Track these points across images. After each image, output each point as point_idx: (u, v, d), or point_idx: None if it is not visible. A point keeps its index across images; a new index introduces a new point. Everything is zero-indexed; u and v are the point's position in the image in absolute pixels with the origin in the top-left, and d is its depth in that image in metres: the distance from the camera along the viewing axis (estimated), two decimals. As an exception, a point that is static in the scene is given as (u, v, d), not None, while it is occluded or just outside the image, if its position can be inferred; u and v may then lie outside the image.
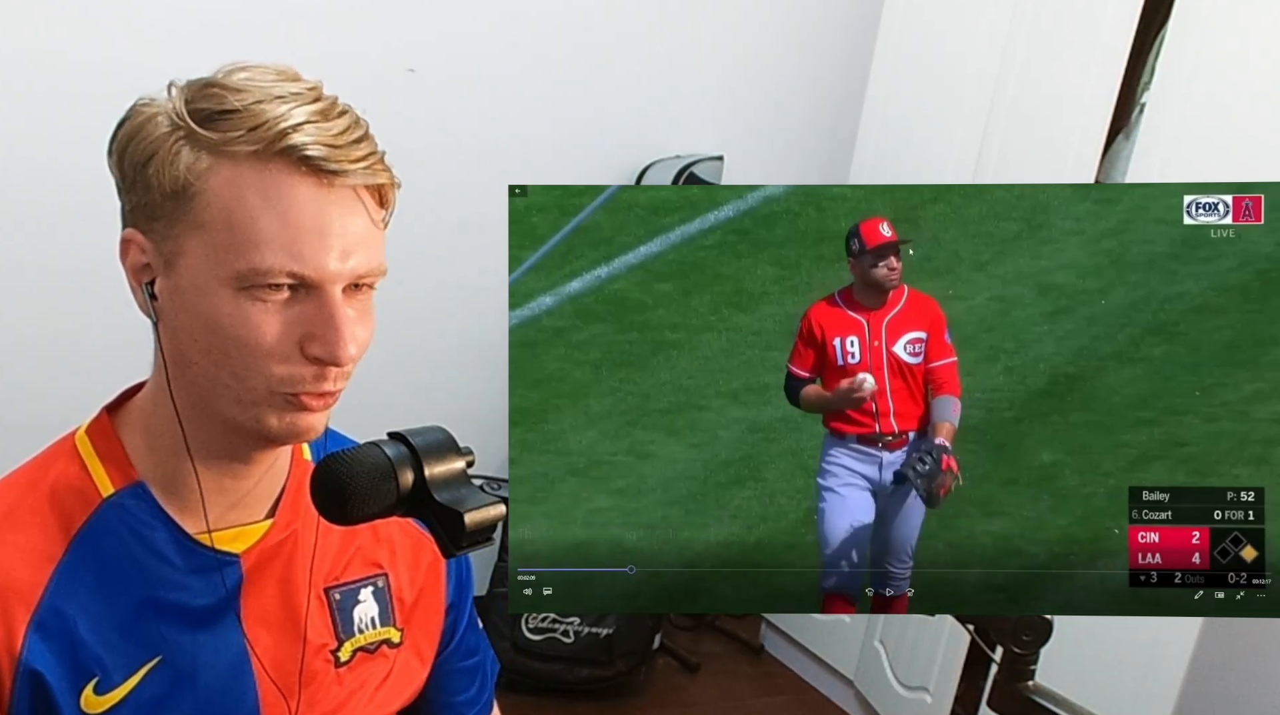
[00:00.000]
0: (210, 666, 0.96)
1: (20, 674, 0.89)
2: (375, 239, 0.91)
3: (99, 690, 0.92)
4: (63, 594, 0.91)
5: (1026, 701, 0.86)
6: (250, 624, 0.98)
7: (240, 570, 0.98)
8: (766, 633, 3.21)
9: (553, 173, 2.88)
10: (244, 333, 0.86)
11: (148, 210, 0.89)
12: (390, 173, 0.92)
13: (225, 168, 0.86)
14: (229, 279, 0.86)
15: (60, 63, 2.31)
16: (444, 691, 1.16)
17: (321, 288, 0.87)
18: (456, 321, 2.89)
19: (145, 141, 0.88)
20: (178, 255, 0.88)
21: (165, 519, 0.95)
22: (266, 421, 0.90)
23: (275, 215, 0.85)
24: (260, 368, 0.88)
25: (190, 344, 0.89)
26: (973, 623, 0.91)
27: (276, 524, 1.00)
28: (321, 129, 0.86)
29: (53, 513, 0.93)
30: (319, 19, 2.54)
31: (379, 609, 1.07)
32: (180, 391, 0.92)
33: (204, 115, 0.86)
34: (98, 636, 0.92)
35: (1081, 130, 2.22)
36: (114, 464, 0.96)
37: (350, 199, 0.88)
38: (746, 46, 3.07)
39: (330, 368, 0.89)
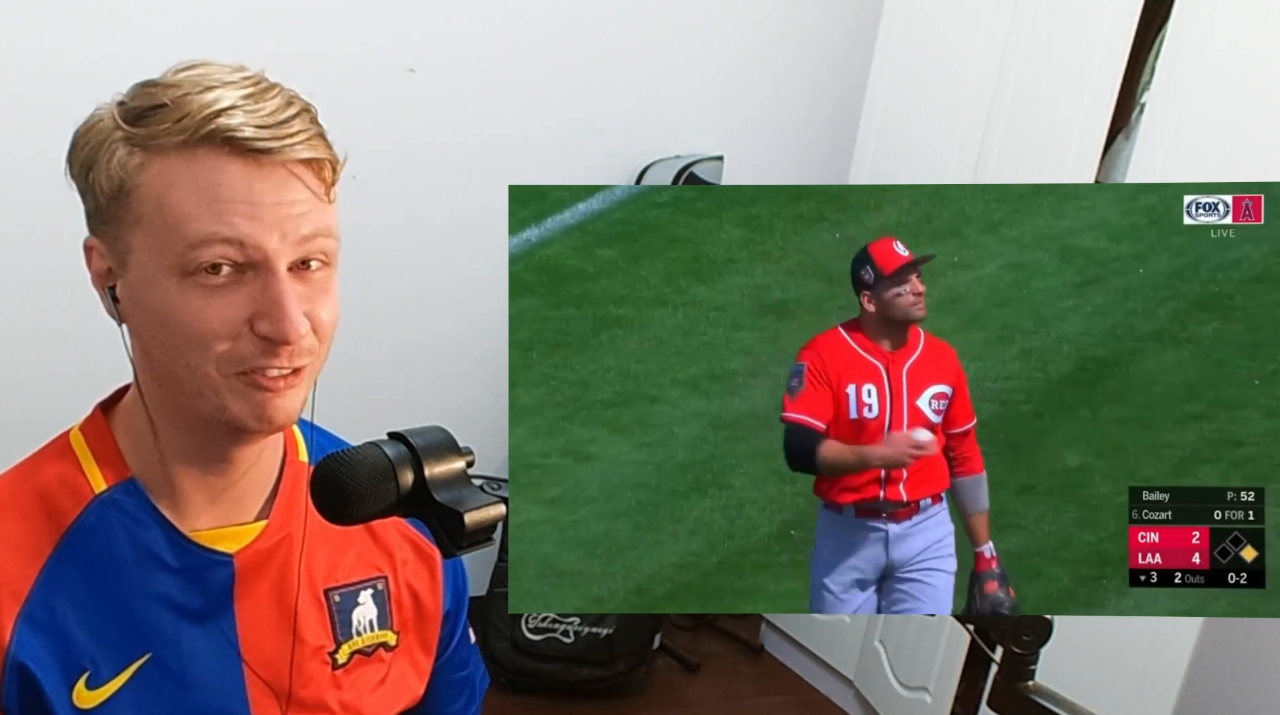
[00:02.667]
0: (201, 666, 0.96)
1: (9, 667, 0.89)
2: (317, 211, 0.89)
3: (90, 685, 0.92)
4: (53, 588, 0.91)
5: (1026, 701, 0.86)
6: (244, 625, 0.98)
7: (233, 570, 0.98)
8: (766, 633, 3.21)
9: (553, 173, 2.88)
10: (189, 318, 0.86)
11: (99, 214, 0.90)
12: (328, 149, 0.90)
13: (156, 161, 0.86)
14: (171, 268, 0.86)
15: (61, 62, 2.30)
16: (433, 703, 1.16)
17: (264, 265, 0.87)
18: (456, 321, 2.88)
19: (88, 148, 0.89)
20: (127, 253, 0.88)
21: (158, 517, 0.95)
22: (230, 409, 0.89)
23: (204, 195, 0.85)
24: (210, 352, 0.87)
25: (150, 341, 0.90)
26: (973, 623, 0.91)
27: (271, 525, 1.00)
28: (250, 111, 0.86)
29: (45, 508, 0.94)
30: (319, 19, 2.54)
31: (378, 612, 1.07)
32: (152, 391, 0.93)
33: (136, 113, 0.87)
34: (88, 630, 0.92)
35: (1081, 130, 2.22)
36: (106, 461, 0.96)
37: (284, 175, 0.87)
38: (746, 46, 3.07)
39: (280, 346, 0.88)
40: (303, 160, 0.88)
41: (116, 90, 0.91)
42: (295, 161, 0.87)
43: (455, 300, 2.86)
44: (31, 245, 2.37)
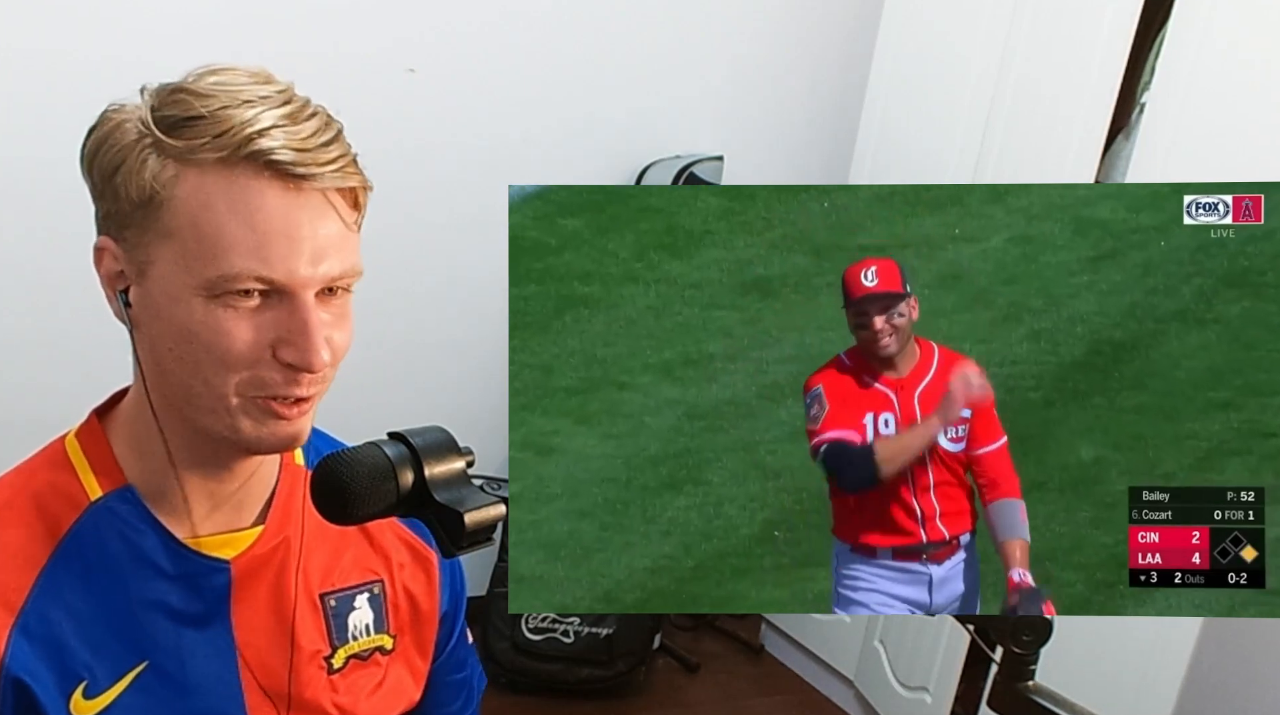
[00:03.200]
0: (198, 672, 0.96)
1: (4, 679, 0.88)
2: (348, 242, 0.89)
3: (88, 694, 0.91)
4: (48, 597, 0.90)
5: (1026, 701, 0.86)
6: (241, 630, 0.98)
7: (230, 576, 0.97)
8: (766, 632, 3.21)
9: (553, 173, 2.88)
10: (215, 339, 0.86)
11: (118, 218, 0.88)
12: (362, 175, 0.90)
13: (191, 176, 0.84)
14: (199, 288, 0.85)
15: (61, 62, 2.31)
16: (431, 705, 1.15)
17: (293, 293, 0.86)
18: (456, 321, 2.88)
19: (113, 149, 0.87)
20: (149, 264, 0.87)
21: (154, 523, 0.95)
22: (243, 431, 0.89)
23: (242, 221, 0.84)
24: (231, 374, 0.87)
25: (165, 352, 0.88)
26: (973, 623, 0.91)
27: (268, 531, 1.00)
28: (289, 133, 0.84)
29: (40, 516, 0.93)
30: (319, 19, 2.54)
31: (374, 616, 1.06)
32: (159, 399, 0.92)
33: (170, 122, 0.85)
34: (84, 639, 0.91)
35: (1081, 130, 2.22)
36: (102, 468, 0.95)
37: (320, 202, 0.86)
38: (746, 46, 3.07)
39: (303, 373, 0.88)
40: (338, 188, 0.87)
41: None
42: (332, 188, 0.87)
43: (455, 300, 2.86)
44: (31, 245, 2.37)
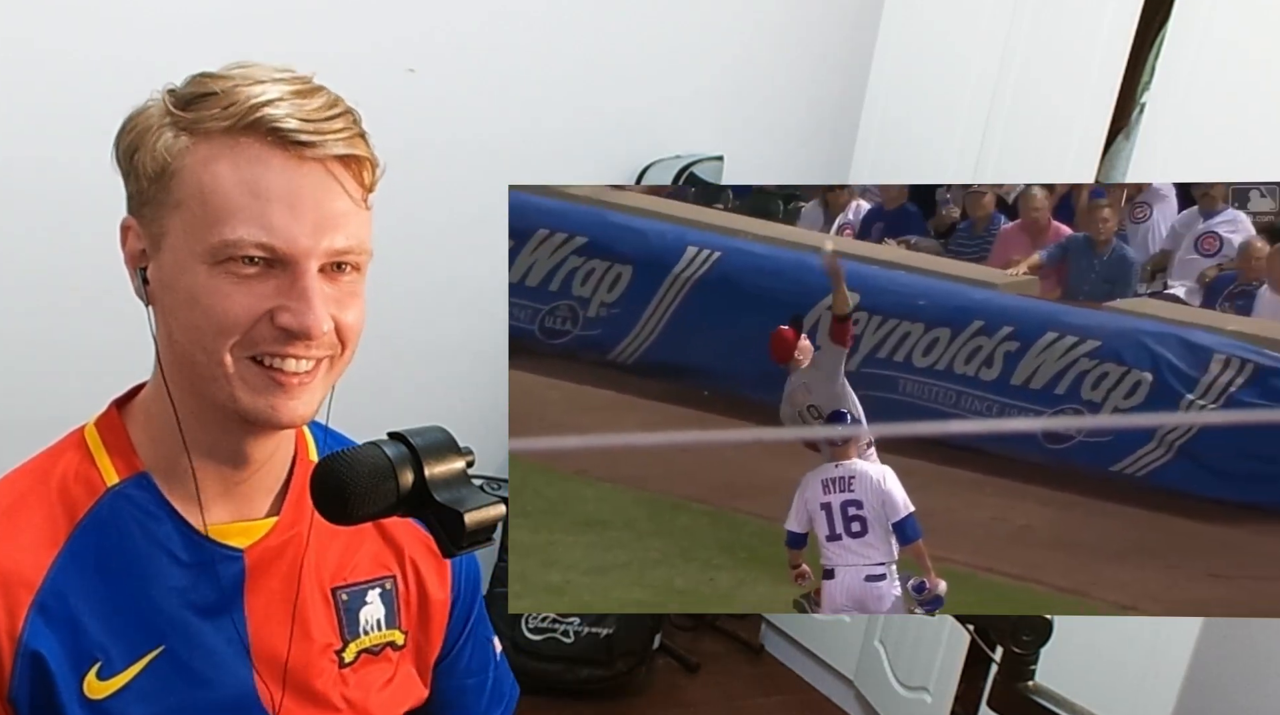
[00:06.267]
0: (211, 660, 0.97)
1: (21, 655, 0.90)
2: (354, 218, 0.91)
3: (101, 675, 0.92)
4: (66, 579, 0.92)
5: (1026, 701, 0.86)
6: (253, 620, 0.99)
7: (244, 566, 0.98)
8: (766, 632, 3.21)
9: (553, 173, 2.88)
10: (213, 303, 0.87)
11: (140, 197, 0.91)
12: (368, 148, 0.92)
13: (201, 146, 0.87)
14: (204, 254, 0.87)
15: (62, 62, 2.30)
16: (456, 709, 1.16)
17: (295, 262, 0.88)
18: (456, 321, 2.88)
19: (136, 131, 0.90)
20: (162, 236, 0.90)
21: (170, 511, 0.96)
22: (240, 400, 0.90)
23: (246, 187, 0.86)
24: (226, 338, 0.88)
25: (174, 323, 0.91)
26: (973, 623, 0.91)
27: (281, 522, 1.01)
28: (296, 105, 0.87)
29: (59, 501, 0.94)
30: (319, 19, 2.54)
31: (385, 611, 1.07)
32: (172, 375, 0.93)
33: (185, 99, 0.89)
34: (100, 622, 0.92)
35: (1081, 130, 2.22)
36: (119, 455, 0.97)
37: (323, 175, 0.88)
38: (746, 46, 3.07)
39: (299, 340, 0.89)
40: (341, 159, 0.89)
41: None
42: (334, 159, 0.88)
43: (455, 300, 2.86)
44: (31, 245, 2.37)
